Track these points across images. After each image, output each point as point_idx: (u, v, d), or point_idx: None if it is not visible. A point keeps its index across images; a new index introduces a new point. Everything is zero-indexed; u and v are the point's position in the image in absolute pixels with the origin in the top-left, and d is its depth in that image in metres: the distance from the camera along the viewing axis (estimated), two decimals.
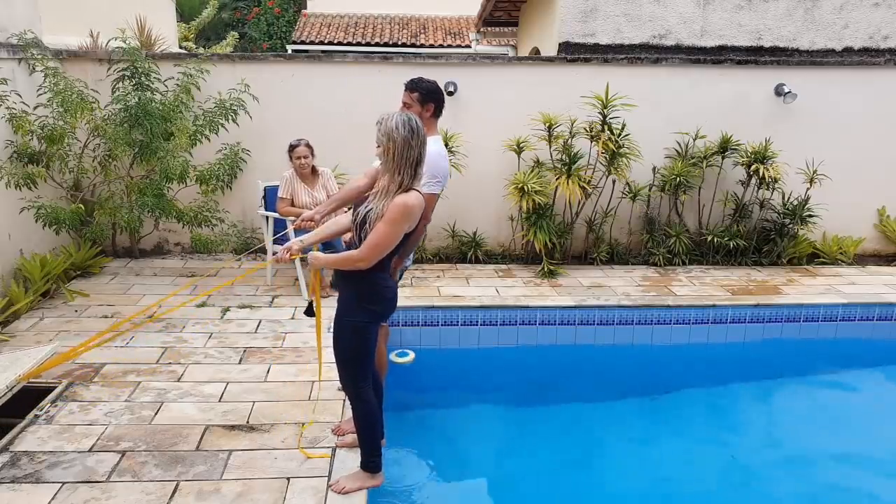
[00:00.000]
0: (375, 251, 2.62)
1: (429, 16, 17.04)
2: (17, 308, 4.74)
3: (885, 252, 6.94)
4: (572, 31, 7.38)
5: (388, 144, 2.59)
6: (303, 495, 2.88)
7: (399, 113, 2.66)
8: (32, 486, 2.88)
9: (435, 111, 3.34)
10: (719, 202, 6.56)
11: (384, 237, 2.59)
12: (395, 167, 2.59)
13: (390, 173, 2.61)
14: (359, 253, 2.63)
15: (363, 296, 2.75)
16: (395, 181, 2.60)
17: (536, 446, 3.97)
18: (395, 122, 2.60)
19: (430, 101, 3.30)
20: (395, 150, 2.58)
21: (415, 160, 2.61)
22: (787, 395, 4.93)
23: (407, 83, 3.33)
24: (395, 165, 2.59)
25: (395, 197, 2.58)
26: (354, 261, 2.65)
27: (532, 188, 5.87)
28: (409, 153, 2.59)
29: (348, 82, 6.27)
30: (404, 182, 2.60)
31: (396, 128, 2.59)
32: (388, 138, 2.59)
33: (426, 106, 3.29)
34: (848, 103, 6.59)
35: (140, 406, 3.59)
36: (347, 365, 2.85)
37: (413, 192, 2.62)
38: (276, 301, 5.29)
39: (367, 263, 2.65)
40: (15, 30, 5.39)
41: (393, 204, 2.57)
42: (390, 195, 2.59)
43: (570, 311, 5.24)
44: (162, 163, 5.37)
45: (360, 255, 2.63)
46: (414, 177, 2.62)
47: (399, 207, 2.57)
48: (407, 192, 2.60)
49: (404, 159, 2.58)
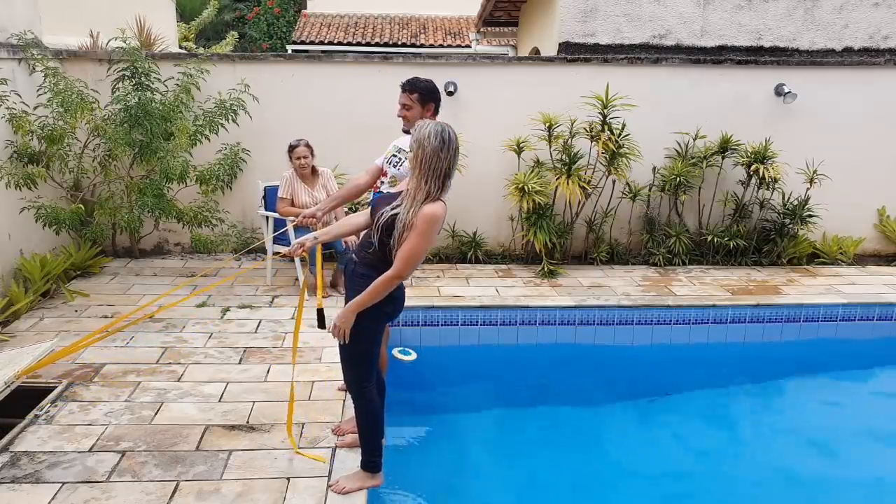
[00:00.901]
0: (410, 264, 2.60)
1: (429, 16, 17.04)
2: (17, 308, 4.74)
3: (885, 252, 6.94)
4: (572, 31, 7.38)
5: (417, 151, 2.57)
6: (303, 495, 2.88)
7: (436, 122, 2.62)
8: (32, 486, 2.87)
9: (435, 111, 3.32)
10: (719, 202, 6.57)
11: (417, 249, 2.57)
12: (423, 176, 2.56)
13: (417, 180, 2.58)
14: (394, 271, 2.60)
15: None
16: (421, 189, 2.56)
17: (536, 446, 3.97)
18: (428, 130, 2.57)
19: (430, 100, 3.28)
20: (423, 158, 2.55)
21: (443, 172, 2.58)
22: (787, 395, 4.93)
23: (403, 84, 3.29)
24: (421, 173, 2.56)
25: (424, 207, 2.55)
26: (392, 279, 2.62)
27: (532, 188, 5.87)
28: (438, 164, 2.55)
29: (348, 82, 6.27)
30: (431, 193, 2.57)
31: (428, 136, 2.55)
32: (419, 145, 2.56)
33: (427, 106, 3.27)
34: (848, 103, 6.59)
35: (140, 406, 3.59)
36: (353, 364, 2.84)
37: (439, 203, 2.59)
38: (276, 301, 5.29)
39: (404, 278, 2.64)
40: (15, 30, 5.39)
41: (422, 215, 2.54)
42: (417, 203, 2.56)
43: (570, 311, 5.24)
44: (162, 163, 5.37)
45: (397, 272, 2.60)
46: (442, 188, 2.59)
47: (428, 219, 2.55)
48: (434, 201, 2.58)
49: (432, 169, 2.55)
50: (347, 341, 2.72)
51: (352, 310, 2.66)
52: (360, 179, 3.50)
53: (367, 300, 2.64)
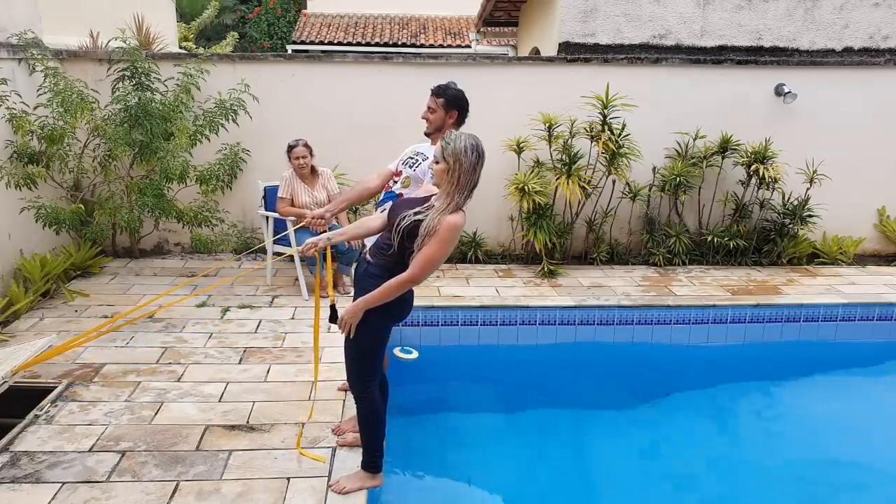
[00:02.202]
0: (426, 269, 2.62)
1: (429, 16, 17.04)
2: (17, 308, 4.74)
3: (885, 252, 6.94)
4: (572, 31, 7.38)
5: (453, 165, 2.57)
6: (303, 495, 2.88)
7: (467, 135, 2.63)
8: (32, 486, 2.87)
9: (458, 120, 3.31)
10: (719, 202, 6.57)
11: (436, 255, 2.59)
12: (456, 188, 2.58)
13: (449, 193, 2.60)
14: (409, 274, 2.61)
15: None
16: (453, 200, 2.59)
17: (536, 447, 3.98)
18: (464, 144, 2.58)
19: (454, 108, 3.28)
20: (460, 173, 2.57)
21: (474, 185, 2.62)
22: (787, 395, 4.93)
23: (434, 88, 3.31)
24: (455, 187, 2.58)
25: (447, 216, 2.57)
26: (407, 282, 2.63)
27: (532, 188, 5.87)
28: (472, 178, 2.60)
29: (348, 82, 6.27)
30: (459, 204, 2.60)
31: (465, 151, 2.56)
32: (455, 159, 2.57)
33: (450, 112, 3.27)
34: (848, 103, 6.59)
35: (140, 406, 3.59)
36: (357, 363, 2.84)
37: (461, 213, 2.61)
38: (276, 301, 5.29)
39: (419, 282, 2.65)
40: (15, 30, 5.39)
41: (446, 223, 2.56)
42: (444, 212, 2.58)
43: (570, 311, 5.24)
44: (162, 163, 5.37)
45: (411, 276, 2.61)
46: (468, 198, 2.63)
47: (451, 227, 2.56)
48: (456, 211, 2.60)
49: (466, 183, 2.58)
50: (353, 336, 2.73)
51: (360, 306, 2.68)
52: (371, 183, 3.48)
53: (377, 299, 2.66)
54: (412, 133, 5.48)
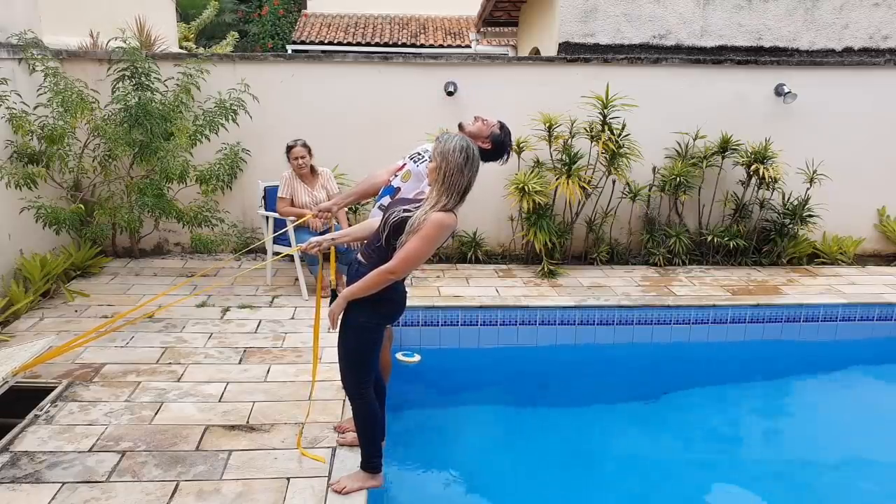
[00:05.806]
0: (407, 264, 2.62)
1: (429, 16, 17.04)
2: (17, 308, 4.74)
3: (885, 252, 6.94)
4: (572, 31, 7.38)
5: (440, 164, 2.58)
6: (303, 495, 2.88)
7: (461, 137, 2.64)
8: (32, 486, 2.87)
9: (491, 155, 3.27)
10: (719, 202, 6.56)
11: (417, 252, 2.59)
12: (442, 188, 2.58)
13: (437, 191, 2.60)
14: (391, 265, 2.61)
15: (374, 297, 2.72)
16: (440, 201, 2.59)
17: (536, 447, 3.97)
18: (453, 144, 2.58)
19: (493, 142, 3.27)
20: (445, 172, 2.57)
21: (463, 188, 2.60)
22: (787, 395, 4.93)
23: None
24: (442, 186, 2.58)
25: (434, 214, 2.56)
26: (386, 273, 2.63)
27: (532, 188, 5.87)
28: (459, 180, 2.58)
29: (348, 82, 6.27)
30: (447, 205, 2.59)
31: (453, 151, 2.56)
32: (443, 158, 2.57)
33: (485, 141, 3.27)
34: (848, 103, 6.59)
35: (140, 406, 3.59)
36: (351, 365, 2.84)
37: (451, 214, 2.61)
38: (275, 301, 5.29)
39: (399, 276, 2.66)
40: (15, 30, 5.39)
41: (430, 221, 2.55)
42: (430, 210, 2.58)
43: (570, 311, 5.24)
44: (162, 163, 5.36)
45: (393, 268, 2.61)
46: (459, 202, 2.62)
47: (435, 225, 2.56)
48: (446, 211, 2.59)
49: (452, 184, 2.58)
50: (343, 336, 2.77)
51: (345, 296, 2.71)
52: (379, 177, 3.46)
53: (358, 290, 2.68)
54: (412, 133, 5.52)
